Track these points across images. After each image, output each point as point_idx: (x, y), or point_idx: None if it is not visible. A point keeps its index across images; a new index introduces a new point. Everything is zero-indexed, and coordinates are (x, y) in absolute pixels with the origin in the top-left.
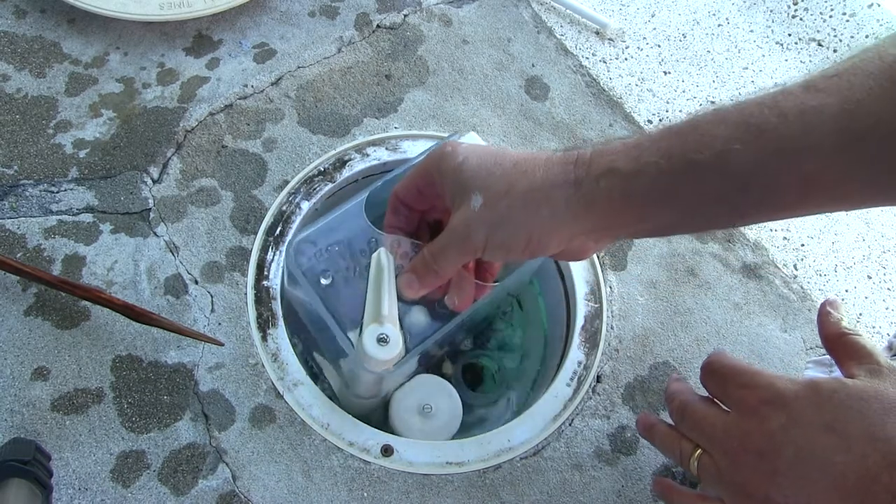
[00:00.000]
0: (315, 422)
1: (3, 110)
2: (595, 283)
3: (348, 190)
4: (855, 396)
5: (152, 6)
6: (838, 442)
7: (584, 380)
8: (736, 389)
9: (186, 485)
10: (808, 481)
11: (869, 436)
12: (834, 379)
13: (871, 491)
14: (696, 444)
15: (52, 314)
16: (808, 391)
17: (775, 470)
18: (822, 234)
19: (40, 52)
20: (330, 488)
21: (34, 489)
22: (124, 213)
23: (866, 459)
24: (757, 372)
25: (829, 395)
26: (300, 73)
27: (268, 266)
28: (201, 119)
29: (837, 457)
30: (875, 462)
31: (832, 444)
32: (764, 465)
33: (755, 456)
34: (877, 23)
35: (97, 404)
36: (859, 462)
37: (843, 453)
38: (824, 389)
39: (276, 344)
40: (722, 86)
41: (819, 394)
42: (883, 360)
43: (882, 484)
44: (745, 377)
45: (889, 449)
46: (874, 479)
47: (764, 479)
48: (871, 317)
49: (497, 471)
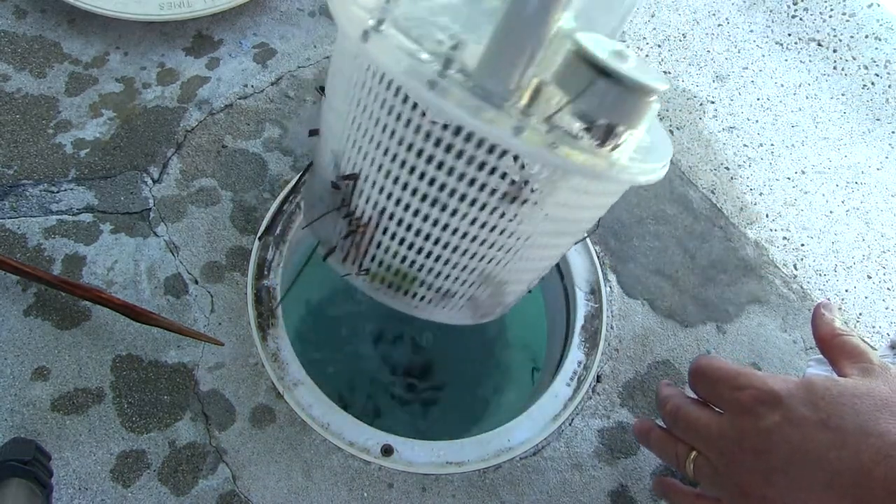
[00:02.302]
0: (315, 422)
1: (3, 110)
2: (595, 283)
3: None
4: (848, 394)
5: (152, 6)
6: (833, 438)
7: (584, 380)
8: (728, 391)
9: (186, 485)
10: (803, 478)
11: (862, 431)
12: (827, 377)
13: (866, 485)
14: (690, 447)
15: (52, 314)
16: (802, 390)
17: (771, 468)
18: (822, 234)
19: (40, 52)
20: (330, 488)
21: (34, 489)
22: (124, 212)
23: (860, 455)
24: (748, 372)
25: (822, 393)
26: (300, 73)
27: (268, 266)
28: (201, 119)
29: (832, 453)
30: (869, 457)
31: (827, 440)
32: (759, 463)
33: (750, 455)
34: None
35: (97, 404)
36: (853, 457)
37: (837, 449)
38: (818, 387)
39: (276, 344)
40: (722, 86)
41: (813, 392)
42: (875, 359)
43: (876, 478)
44: (738, 378)
45: (882, 444)
46: (868, 474)
47: (760, 477)
48: (871, 317)
49: (497, 471)
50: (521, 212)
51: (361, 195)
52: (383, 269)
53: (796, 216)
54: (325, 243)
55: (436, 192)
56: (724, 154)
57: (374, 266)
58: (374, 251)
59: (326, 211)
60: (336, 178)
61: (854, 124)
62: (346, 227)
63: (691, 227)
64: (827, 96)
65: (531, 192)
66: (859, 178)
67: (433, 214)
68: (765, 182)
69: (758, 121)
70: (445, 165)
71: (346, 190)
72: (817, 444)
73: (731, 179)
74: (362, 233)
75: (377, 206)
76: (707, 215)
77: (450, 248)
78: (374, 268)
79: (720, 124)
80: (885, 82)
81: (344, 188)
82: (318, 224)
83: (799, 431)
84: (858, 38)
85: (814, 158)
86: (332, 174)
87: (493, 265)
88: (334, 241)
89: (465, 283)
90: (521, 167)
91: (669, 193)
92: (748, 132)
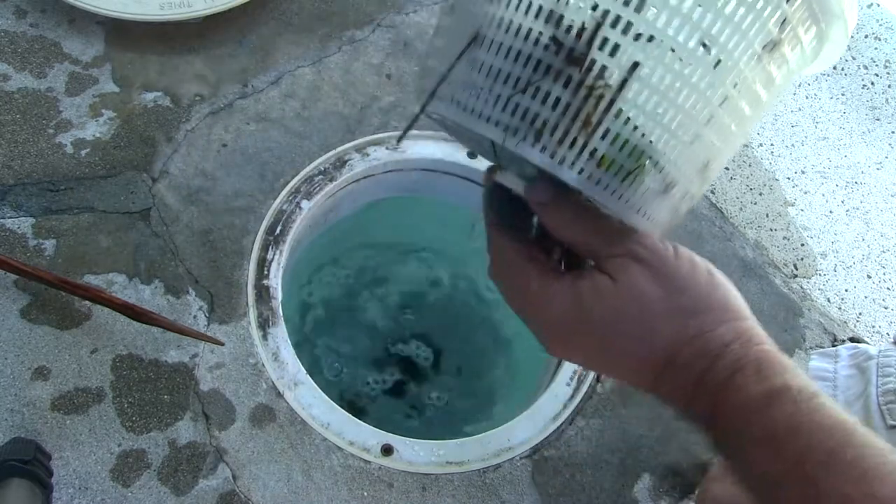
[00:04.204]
0: (315, 421)
1: (3, 110)
2: None
3: (348, 189)
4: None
5: (152, 6)
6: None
7: (584, 380)
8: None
9: (186, 484)
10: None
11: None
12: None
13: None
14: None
15: (52, 314)
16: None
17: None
18: (822, 234)
19: (40, 52)
20: (330, 488)
21: (34, 488)
22: (124, 212)
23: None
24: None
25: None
26: (300, 73)
27: (268, 265)
28: (201, 119)
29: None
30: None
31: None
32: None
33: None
34: (877, 23)
35: (97, 404)
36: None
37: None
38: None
39: (276, 343)
40: None
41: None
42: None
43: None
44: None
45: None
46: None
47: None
48: (871, 317)
49: (497, 470)
50: (778, 73)
51: (606, 46)
52: (616, 149)
53: (796, 216)
54: (515, 129)
55: (707, 29)
56: None
57: (604, 145)
58: (612, 123)
59: (527, 84)
60: (558, 30)
61: (854, 124)
62: (569, 96)
63: (691, 226)
64: (827, 96)
65: (791, 46)
66: (859, 178)
67: (695, 60)
68: (765, 182)
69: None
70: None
71: (574, 44)
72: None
73: (731, 179)
74: (598, 97)
75: (630, 58)
76: (707, 215)
77: (697, 111)
78: (605, 148)
79: None
80: (884, 82)
81: (572, 43)
82: (498, 108)
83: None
84: (858, 38)
85: (814, 158)
86: (547, 27)
87: (717, 144)
88: (537, 123)
89: (689, 169)
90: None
91: None
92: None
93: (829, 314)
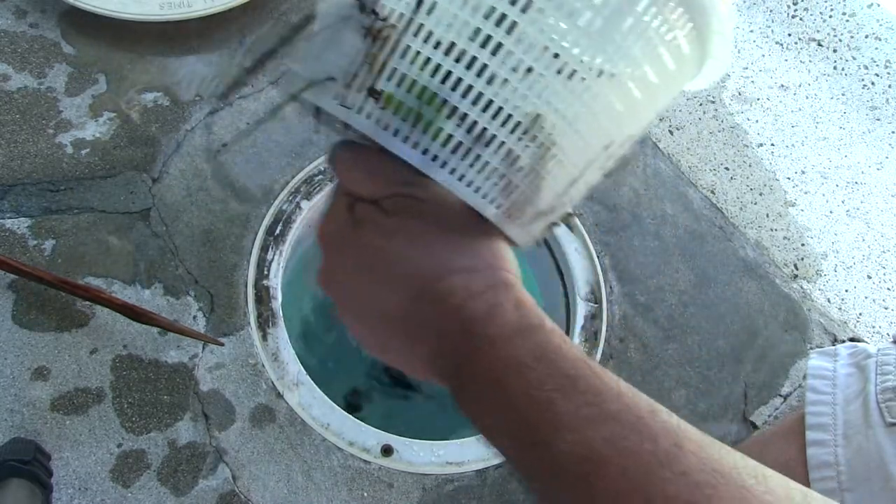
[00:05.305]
0: (315, 422)
1: (3, 110)
2: (595, 283)
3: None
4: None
5: (152, 6)
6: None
7: None
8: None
9: (186, 485)
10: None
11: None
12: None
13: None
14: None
15: (51, 314)
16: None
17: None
18: (822, 234)
19: (40, 52)
20: (330, 488)
21: (34, 489)
22: (124, 212)
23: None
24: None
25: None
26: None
27: (268, 266)
28: (201, 118)
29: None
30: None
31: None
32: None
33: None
34: (877, 23)
35: (97, 404)
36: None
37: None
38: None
39: (276, 344)
40: (722, 86)
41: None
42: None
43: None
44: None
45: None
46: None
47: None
48: (870, 317)
49: (497, 470)
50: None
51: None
52: (404, 90)
53: (796, 216)
54: (319, 75)
55: None
56: (724, 154)
57: (390, 85)
58: (398, 62)
59: (331, 39)
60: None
61: (854, 124)
62: (359, 42)
63: (691, 226)
64: (827, 96)
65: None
66: (859, 179)
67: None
68: (765, 182)
69: (758, 121)
70: None
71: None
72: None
73: (731, 179)
74: (384, 38)
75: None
76: (707, 215)
77: (501, 56)
78: (391, 87)
79: (720, 124)
80: (885, 82)
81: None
82: (313, 56)
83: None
84: (858, 38)
85: (814, 158)
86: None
87: (550, 104)
88: (333, 72)
89: (508, 127)
90: None
91: (669, 193)
92: (748, 132)
93: (830, 314)
